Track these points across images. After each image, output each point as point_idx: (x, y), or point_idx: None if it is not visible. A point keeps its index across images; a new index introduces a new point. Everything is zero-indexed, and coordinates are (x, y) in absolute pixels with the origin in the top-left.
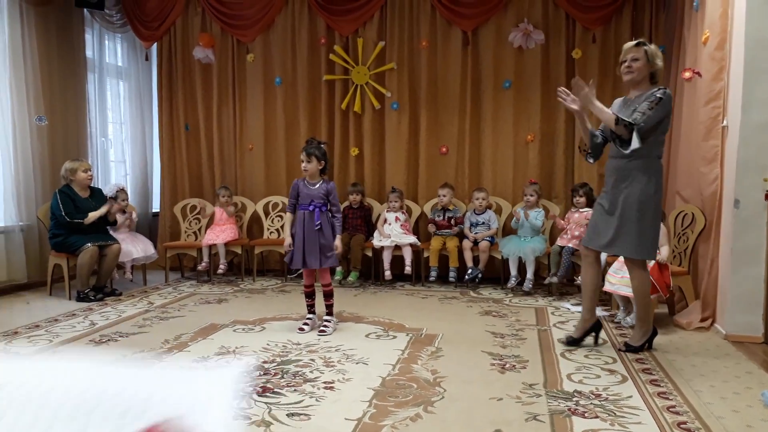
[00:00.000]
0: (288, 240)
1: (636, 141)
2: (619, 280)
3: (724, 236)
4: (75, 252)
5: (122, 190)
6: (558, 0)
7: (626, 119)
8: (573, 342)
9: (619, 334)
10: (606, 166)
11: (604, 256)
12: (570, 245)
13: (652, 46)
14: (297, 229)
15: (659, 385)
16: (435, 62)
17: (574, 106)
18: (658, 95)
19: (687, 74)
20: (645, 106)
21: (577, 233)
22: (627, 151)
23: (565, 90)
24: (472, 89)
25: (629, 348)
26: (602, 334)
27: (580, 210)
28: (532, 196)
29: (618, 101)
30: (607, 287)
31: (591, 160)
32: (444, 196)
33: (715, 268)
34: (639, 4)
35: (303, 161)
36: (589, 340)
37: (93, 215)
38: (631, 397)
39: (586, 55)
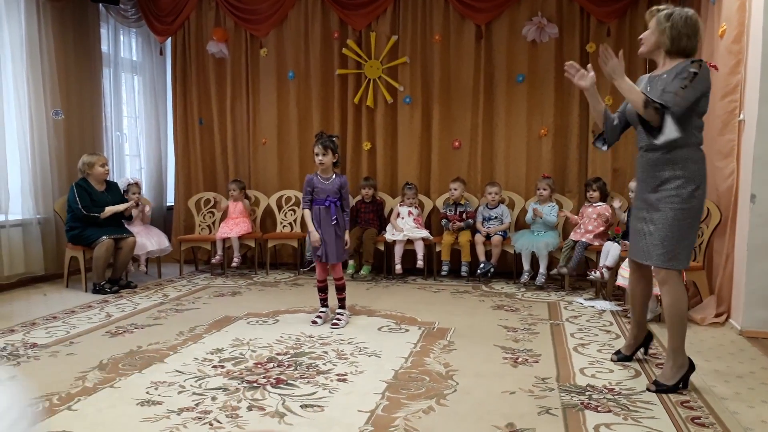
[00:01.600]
0: (316, 235)
1: (671, 128)
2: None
3: (740, 231)
4: (91, 245)
5: (135, 184)
6: None
7: (657, 101)
8: (625, 359)
9: None
10: (636, 160)
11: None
12: (584, 240)
13: (673, 12)
14: (315, 224)
15: None
16: (448, 56)
17: (583, 83)
18: (691, 70)
19: None
20: (676, 84)
21: (590, 227)
22: (659, 142)
23: (574, 64)
24: (485, 83)
25: (660, 388)
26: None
27: (594, 204)
28: (545, 190)
29: (644, 78)
30: (620, 281)
31: (604, 147)
32: (455, 190)
33: (730, 263)
34: None
35: (318, 154)
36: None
37: (110, 210)
38: (644, 391)
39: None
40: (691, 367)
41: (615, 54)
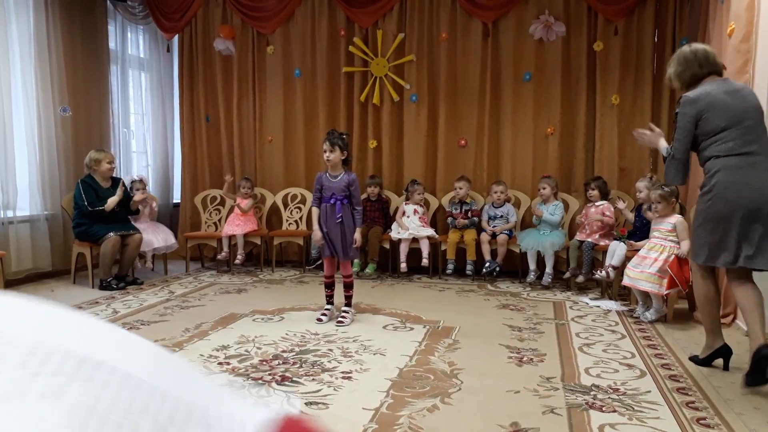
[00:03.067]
0: (318, 234)
1: (669, 172)
2: (638, 274)
3: None
4: (98, 241)
5: (140, 181)
6: None
7: (665, 155)
8: (699, 362)
9: (638, 329)
10: None
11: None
12: (590, 240)
13: (681, 52)
14: (321, 222)
15: (678, 381)
16: (454, 54)
17: (656, 142)
18: (676, 111)
19: None
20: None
21: (595, 227)
22: (671, 182)
23: (639, 132)
24: (492, 82)
25: (693, 358)
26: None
27: (596, 204)
28: (544, 189)
29: None
30: (625, 281)
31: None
32: (460, 188)
33: None
34: None
35: (326, 151)
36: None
37: (112, 200)
38: (649, 392)
39: (608, 48)
40: (725, 352)
41: (649, 129)
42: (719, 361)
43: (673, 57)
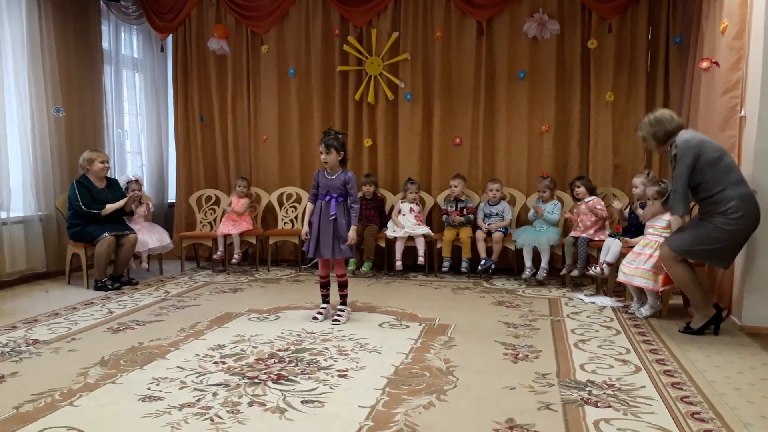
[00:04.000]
0: (305, 229)
1: (676, 205)
2: (633, 270)
3: None
4: (92, 241)
5: (135, 181)
6: None
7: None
8: (695, 332)
9: (633, 325)
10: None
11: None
12: (584, 236)
13: (641, 125)
14: (314, 219)
15: (673, 376)
16: (449, 53)
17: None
18: (672, 153)
19: (705, 64)
20: (672, 171)
21: (589, 223)
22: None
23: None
24: (486, 80)
25: (687, 330)
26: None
27: (585, 201)
28: (545, 191)
29: None
30: (620, 277)
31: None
32: (455, 187)
33: None
34: None
35: (322, 153)
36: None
37: (110, 207)
38: (644, 387)
39: (601, 46)
40: (718, 315)
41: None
42: (720, 358)
43: (642, 123)
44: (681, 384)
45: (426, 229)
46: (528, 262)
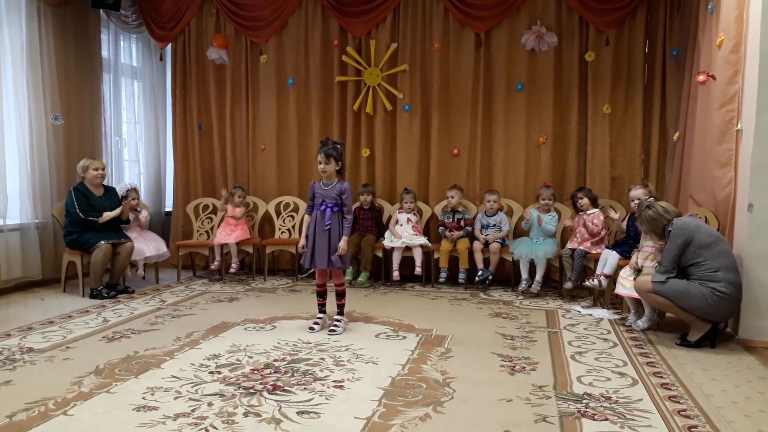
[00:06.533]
0: (302, 241)
1: (653, 277)
2: (630, 282)
3: (737, 240)
4: (89, 250)
5: (133, 190)
6: (571, 2)
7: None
8: (693, 345)
9: (630, 337)
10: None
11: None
12: (582, 248)
13: (645, 214)
14: (310, 229)
15: (670, 389)
16: (447, 64)
17: None
18: (668, 229)
19: (701, 77)
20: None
21: (587, 235)
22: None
23: None
24: (484, 91)
25: (683, 342)
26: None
27: (588, 212)
28: (549, 200)
29: None
30: (618, 290)
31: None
32: (452, 197)
33: None
34: (653, 6)
35: (321, 162)
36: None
37: (107, 215)
38: (641, 400)
39: (599, 58)
40: (715, 329)
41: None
42: (717, 372)
43: (642, 220)
44: (678, 397)
45: (423, 240)
46: (525, 274)
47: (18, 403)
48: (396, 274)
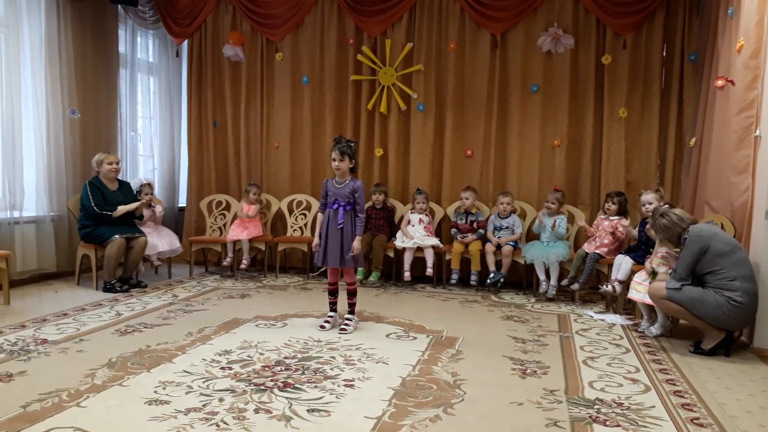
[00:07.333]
0: (316, 240)
1: (668, 283)
2: (645, 288)
3: (754, 247)
4: (103, 243)
5: (148, 185)
6: (588, 5)
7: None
8: (707, 353)
9: (643, 343)
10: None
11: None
12: (596, 252)
13: (660, 222)
14: (323, 227)
15: (683, 396)
16: (462, 65)
17: None
18: (684, 236)
19: (720, 82)
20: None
21: (606, 240)
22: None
23: None
24: (500, 92)
25: (697, 350)
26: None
27: (610, 218)
28: (553, 204)
29: None
30: (631, 295)
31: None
32: (466, 199)
33: None
34: (672, 10)
35: (335, 160)
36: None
37: (122, 209)
38: (654, 407)
39: (616, 61)
40: (729, 337)
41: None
42: (732, 380)
43: (657, 228)
44: (691, 405)
45: (435, 241)
46: (542, 276)
47: (32, 393)
48: (407, 275)
